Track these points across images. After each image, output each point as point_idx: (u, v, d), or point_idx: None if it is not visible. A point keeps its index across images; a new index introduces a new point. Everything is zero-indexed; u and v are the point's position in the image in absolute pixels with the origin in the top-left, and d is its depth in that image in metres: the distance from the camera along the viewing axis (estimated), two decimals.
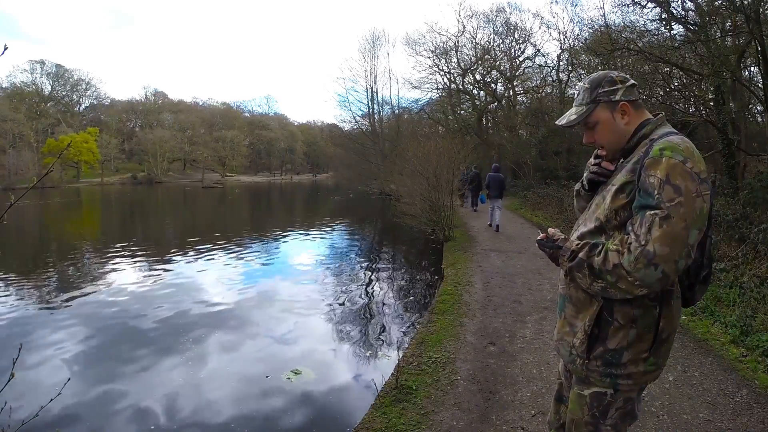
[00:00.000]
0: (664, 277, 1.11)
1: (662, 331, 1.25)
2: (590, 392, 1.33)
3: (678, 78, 11.30)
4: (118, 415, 3.30)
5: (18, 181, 38.58)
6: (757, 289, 4.40)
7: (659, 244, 1.09)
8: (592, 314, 1.27)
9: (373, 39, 29.11)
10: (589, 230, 1.32)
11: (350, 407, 3.35)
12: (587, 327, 1.28)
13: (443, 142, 12.11)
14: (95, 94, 63.34)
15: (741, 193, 8.12)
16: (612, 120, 1.29)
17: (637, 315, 1.23)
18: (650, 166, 1.14)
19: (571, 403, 1.42)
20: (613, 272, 1.15)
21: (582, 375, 1.34)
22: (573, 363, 1.35)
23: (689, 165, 1.13)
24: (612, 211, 1.25)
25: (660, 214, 1.09)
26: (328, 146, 55.83)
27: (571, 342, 1.34)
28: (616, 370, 1.27)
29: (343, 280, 7.59)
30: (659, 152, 1.15)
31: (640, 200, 1.15)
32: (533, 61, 23.81)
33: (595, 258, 1.20)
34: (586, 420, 1.36)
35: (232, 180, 61.24)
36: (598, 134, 1.32)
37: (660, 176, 1.12)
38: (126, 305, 6.10)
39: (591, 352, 1.29)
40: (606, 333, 1.26)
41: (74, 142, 46.13)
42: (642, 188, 1.15)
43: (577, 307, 1.33)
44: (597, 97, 1.30)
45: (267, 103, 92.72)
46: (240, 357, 4.37)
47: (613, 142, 1.32)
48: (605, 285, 1.18)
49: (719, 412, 2.57)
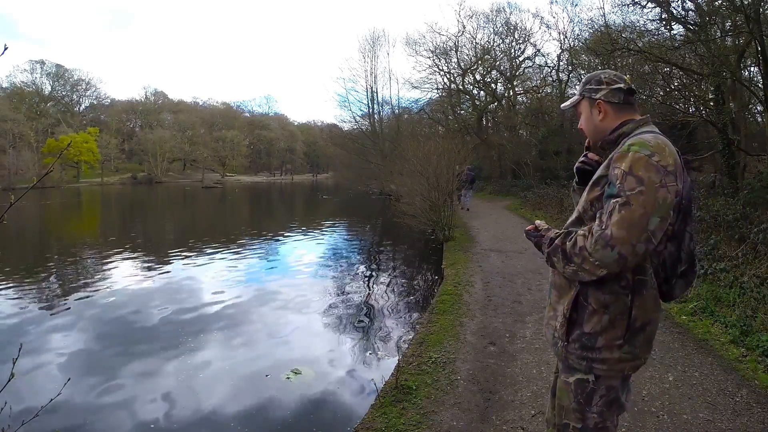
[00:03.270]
0: (621, 258, 1.19)
1: (635, 320, 1.31)
2: (574, 379, 1.41)
3: (678, 78, 11.29)
4: (118, 415, 3.30)
5: (18, 181, 38.57)
6: (757, 289, 4.39)
7: (617, 228, 1.18)
8: (570, 298, 1.36)
9: (373, 39, 29.09)
10: (571, 222, 1.44)
11: (350, 407, 3.35)
12: (566, 310, 1.38)
13: (443, 142, 12.11)
14: (95, 94, 63.38)
15: (741, 193, 8.11)
16: (590, 114, 1.45)
17: (609, 301, 1.31)
18: (617, 160, 1.25)
19: (558, 391, 1.49)
20: (579, 254, 1.26)
21: (563, 358, 1.42)
22: (555, 346, 1.44)
23: (655, 159, 1.21)
24: (588, 202, 1.36)
25: (620, 201, 1.19)
26: (328, 146, 55.75)
27: (554, 326, 1.43)
28: (591, 354, 1.34)
29: (343, 280, 7.59)
30: (627, 147, 1.25)
31: (607, 191, 1.25)
32: (533, 61, 23.82)
33: (567, 243, 1.31)
34: (573, 407, 1.42)
35: (232, 180, 61.24)
36: (581, 122, 1.49)
37: (623, 168, 1.22)
38: (126, 305, 6.10)
39: (570, 335, 1.37)
40: (582, 317, 1.35)
41: (74, 142, 46.13)
42: (610, 179, 1.26)
43: (559, 292, 1.43)
44: (583, 92, 1.46)
45: (267, 103, 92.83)
46: (240, 356, 4.37)
47: (589, 132, 1.47)
48: (575, 268, 1.29)
49: (719, 412, 2.57)
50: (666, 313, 4.41)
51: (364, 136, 28.70)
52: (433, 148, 11.09)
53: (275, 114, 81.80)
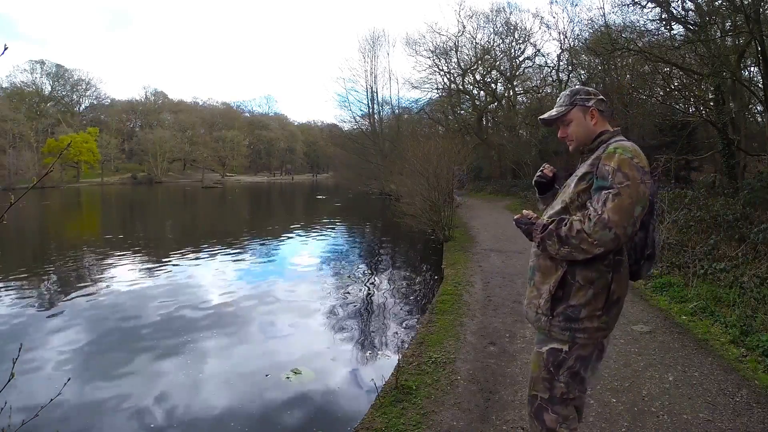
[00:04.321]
0: (616, 237, 1.42)
1: (613, 293, 1.54)
2: (547, 348, 1.60)
3: (678, 78, 11.30)
4: (118, 415, 3.30)
5: (18, 181, 38.57)
6: (757, 289, 4.39)
7: (612, 212, 1.41)
8: (557, 278, 1.56)
9: (373, 39, 29.13)
10: (556, 211, 1.63)
11: (350, 407, 3.35)
12: (552, 289, 1.56)
13: (443, 142, 12.10)
14: (95, 94, 63.40)
15: (741, 193, 8.12)
16: (583, 119, 1.65)
17: (595, 277, 1.53)
18: (606, 159, 1.49)
19: (531, 363, 1.68)
20: (577, 236, 1.46)
21: (546, 330, 1.60)
22: (538, 321, 1.62)
23: (636, 161, 1.47)
24: (575, 194, 1.58)
25: (612, 192, 1.43)
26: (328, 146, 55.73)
27: (537, 304, 1.61)
28: (574, 324, 1.54)
29: (343, 280, 7.59)
30: (613, 150, 1.50)
31: (598, 183, 1.49)
32: (533, 61, 23.85)
33: (562, 228, 1.50)
34: (543, 376, 1.61)
35: (232, 180, 61.24)
36: (571, 129, 1.67)
37: (613, 166, 1.46)
38: (126, 305, 6.10)
39: (554, 309, 1.56)
40: (569, 293, 1.55)
41: (74, 142, 46.12)
42: (599, 175, 1.49)
43: (545, 274, 1.61)
44: (574, 101, 1.66)
45: (267, 103, 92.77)
46: (240, 356, 4.37)
47: (581, 136, 1.66)
48: (570, 249, 1.48)
49: (719, 412, 2.57)
50: (666, 313, 4.41)
51: (364, 136, 28.71)
52: (433, 148, 11.09)
53: (275, 114, 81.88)
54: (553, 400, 1.60)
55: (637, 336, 3.77)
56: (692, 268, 5.31)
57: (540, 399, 1.62)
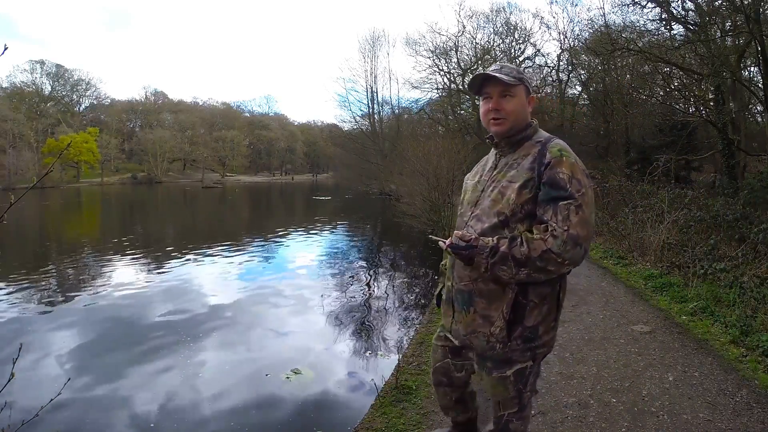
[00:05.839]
0: (585, 253, 1.33)
1: (561, 301, 1.49)
2: (513, 371, 1.49)
3: (678, 78, 11.30)
4: (118, 415, 3.30)
5: (18, 181, 38.56)
6: (757, 289, 4.39)
7: (580, 228, 1.29)
8: (509, 302, 1.41)
9: (373, 39, 29.12)
10: (491, 226, 1.43)
11: (350, 407, 3.35)
12: (506, 314, 1.42)
13: (443, 142, 12.11)
14: (95, 94, 63.39)
15: (741, 193, 8.12)
16: (525, 101, 1.49)
17: (547, 292, 1.43)
18: (556, 165, 1.35)
19: (493, 388, 1.54)
20: (541, 257, 1.30)
21: (503, 357, 1.47)
22: (492, 350, 1.47)
23: (581, 165, 1.38)
24: (518, 205, 1.39)
25: (574, 203, 1.30)
26: (328, 146, 55.81)
27: (488, 332, 1.45)
28: (534, 343, 1.45)
29: (344, 280, 7.59)
30: (559, 153, 1.37)
31: (551, 193, 1.33)
32: (533, 61, 23.78)
33: (518, 249, 1.32)
34: (512, 396, 1.52)
35: (232, 180, 61.23)
36: (512, 106, 1.45)
37: (567, 173, 1.33)
38: (126, 305, 6.10)
39: (511, 334, 1.43)
40: (523, 315, 1.42)
41: (74, 142, 46.13)
42: (550, 183, 1.33)
43: (489, 299, 1.44)
44: (522, 78, 1.48)
45: (267, 103, 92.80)
46: (239, 356, 4.37)
47: (519, 118, 1.47)
48: (531, 271, 1.32)
49: (719, 412, 2.57)
50: (666, 313, 4.41)
51: (364, 136, 28.69)
52: (433, 148, 11.10)
53: (275, 114, 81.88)
54: (522, 408, 1.57)
55: (637, 336, 3.77)
56: (692, 268, 5.30)
57: (508, 415, 1.56)
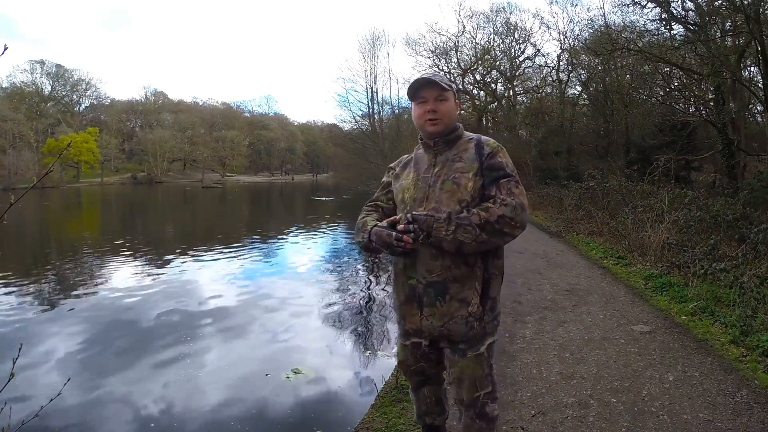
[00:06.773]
0: (527, 218, 1.55)
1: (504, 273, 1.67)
2: (485, 346, 1.62)
3: (678, 78, 11.31)
4: (118, 415, 3.30)
5: (18, 181, 38.60)
6: (757, 289, 4.39)
7: (523, 197, 1.54)
8: (481, 278, 1.57)
9: (373, 39, 29.05)
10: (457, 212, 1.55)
11: (350, 407, 3.35)
12: (479, 288, 1.57)
13: None
14: (95, 94, 63.50)
15: (741, 193, 8.12)
16: (454, 104, 1.73)
17: (500, 264, 1.64)
18: (495, 154, 1.61)
19: (468, 369, 1.61)
20: (498, 221, 1.47)
21: (480, 334, 1.60)
22: (471, 330, 1.57)
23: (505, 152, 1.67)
24: (476, 190, 1.57)
25: (514, 180, 1.56)
26: (328, 146, 55.71)
27: (466, 313, 1.55)
28: (496, 312, 1.64)
29: (343, 280, 7.59)
30: (495, 145, 1.65)
31: (494, 174, 1.57)
32: (533, 61, 23.79)
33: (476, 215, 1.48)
34: (485, 372, 1.63)
35: (232, 180, 61.25)
36: (446, 108, 1.67)
37: (504, 159, 1.61)
38: (126, 305, 6.10)
39: (485, 308, 1.58)
40: (488, 287, 1.59)
41: (74, 142, 46.15)
42: (492, 167, 1.58)
43: (462, 282, 1.55)
44: (452, 86, 1.73)
45: (267, 103, 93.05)
46: (239, 356, 4.37)
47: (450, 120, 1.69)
48: (489, 236, 1.48)
49: (719, 412, 2.57)
50: (666, 313, 4.41)
51: (364, 136, 28.66)
52: None
53: (275, 114, 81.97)
54: (494, 388, 1.68)
55: (637, 336, 3.77)
56: (692, 268, 5.30)
57: (484, 396, 1.63)
